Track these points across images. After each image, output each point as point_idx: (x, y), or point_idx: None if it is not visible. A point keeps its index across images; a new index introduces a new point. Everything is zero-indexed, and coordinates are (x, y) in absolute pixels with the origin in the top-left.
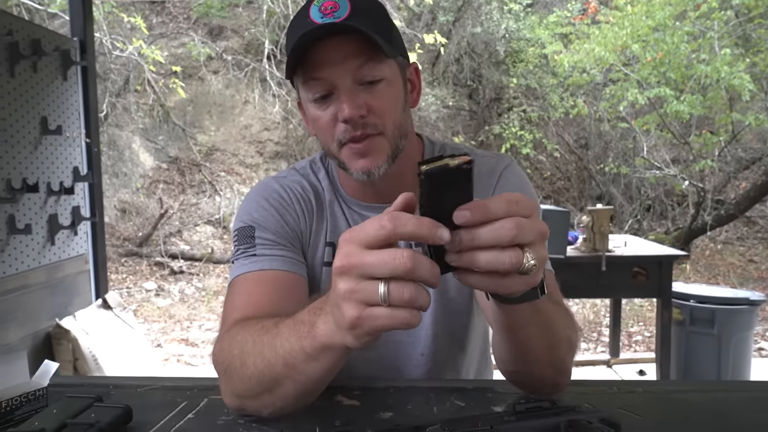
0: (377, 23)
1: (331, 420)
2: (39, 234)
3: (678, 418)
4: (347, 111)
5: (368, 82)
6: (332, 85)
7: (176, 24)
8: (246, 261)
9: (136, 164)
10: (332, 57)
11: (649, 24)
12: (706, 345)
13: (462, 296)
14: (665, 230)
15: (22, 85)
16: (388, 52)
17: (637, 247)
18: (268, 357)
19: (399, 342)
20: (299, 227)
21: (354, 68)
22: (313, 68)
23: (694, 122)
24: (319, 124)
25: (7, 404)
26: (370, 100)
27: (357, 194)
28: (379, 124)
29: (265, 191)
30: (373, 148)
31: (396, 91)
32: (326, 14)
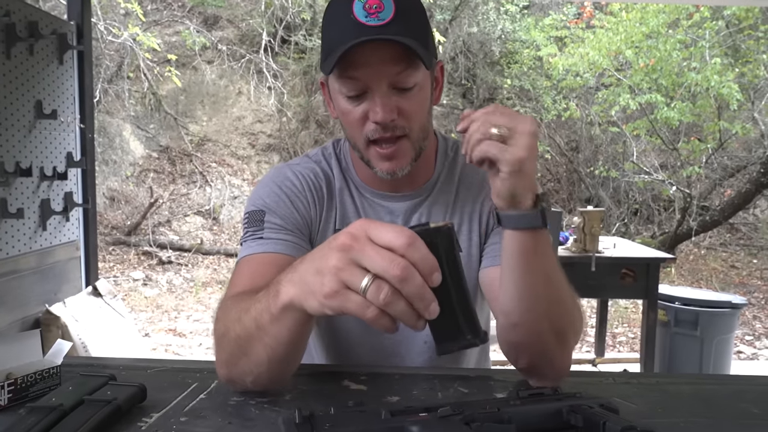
0: (418, 27)
1: (342, 402)
2: (31, 219)
3: (670, 407)
4: (380, 115)
5: (402, 88)
6: (367, 86)
7: (170, 12)
8: (253, 243)
9: (126, 152)
10: (371, 60)
11: (642, 31)
12: (689, 346)
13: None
14: (651, 234)
15: (18, 67)
16: (426, 60)
17: (626, 249)
18: (244, 320)
19: (403, 330)
20: (309, 215)
21: (392, 74)
22: (350, 67)
23: (683, 129)
24: (349, 118)
25: (23, 381)
26: (402, 104)
27: (371, 182)
28: (407, 127)
29: (279, 178)
30: (399, 152)
31: (425, 95)
32: (371, 14)
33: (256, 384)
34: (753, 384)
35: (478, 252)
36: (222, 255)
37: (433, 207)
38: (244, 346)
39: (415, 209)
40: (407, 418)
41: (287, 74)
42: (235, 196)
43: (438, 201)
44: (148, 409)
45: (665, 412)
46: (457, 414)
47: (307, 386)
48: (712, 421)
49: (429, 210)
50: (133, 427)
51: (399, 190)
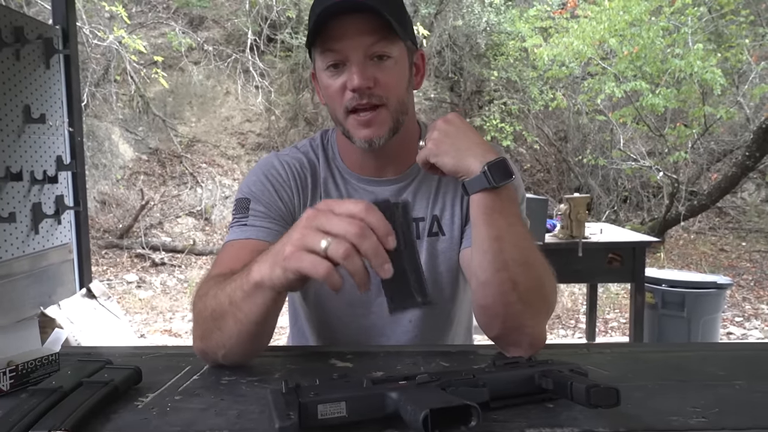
0: (393, 6)
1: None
2: (23, 223)
3: (641, 372)
4: (356, 81)
5: (378, 57)
6: (345, 57)
7: (155, 13)
8: (238, 229)
9: (115, 155)
10: (348, 31)
11: (626, 19)
12: (676, 326)
13: (450, 271)
14: (641, 221)
15: (5, 73)
16: (400, 33)
17: (612, 234)
18: (219, 297)
19: (385, 312)
20: (292, 203)
21: (367, 44)
22: (330, 40)
23: (668, 115)
24: (330, 91)
25: (23, 367)
26: (378, 74)
27: (356, 167)
28: (384, 96)
29: (266, 167)
30: (376, 120)
31: (402, 70)
32: None
33: (227, 358)
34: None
35: (459, 234)
36: (215, 255)
37: (418, 192)
38: (218, 320)
39: (399, 193)
40: (387, 385)
41: (274, 73)
42: (226, 196)
43: (422, 186)
44: (143, 390)
45: (635, 377)
46: (434, 381)
47: (295, 365)
48: (679, 383)
49: (414, 195)
50: (130, 406)
51: (383, 174)
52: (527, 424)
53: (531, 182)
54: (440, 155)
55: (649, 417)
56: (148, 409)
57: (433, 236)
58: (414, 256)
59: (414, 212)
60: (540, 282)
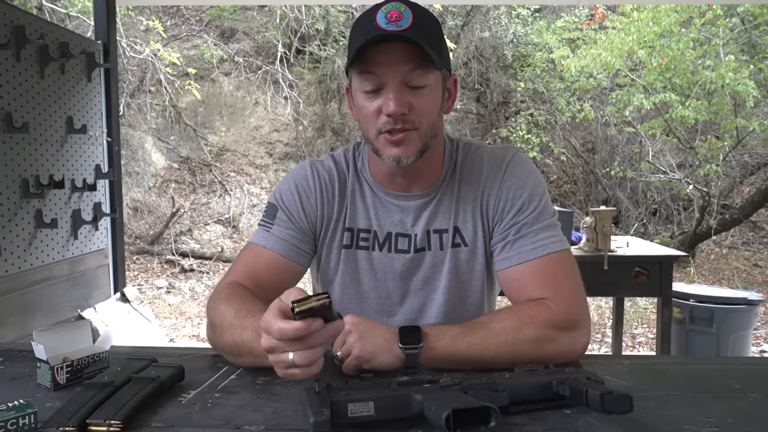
0: (431, 37)
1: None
2: (63, 228)
3: (657, 383)
4: (392, 107)
5: (414, 86)
6: (383, 82)
7: (189, 26)
8: (262, 233)
9: (148, 163)
10: (388, 59)
11: (655, 30)
12: (705, 343)
13: (474, 279)
14: (671, 234)
15: (51, 86)
16: (437, 63)
17: (639, 247)
18: (238, 341)
19: (413, 320)
20: (316, 214)
21: (405, 71)
22: (370, 64)
23: (699, 127)
24: (364, 112)
25: (78, 363)
26: (413, 101)
27: (384, 182)
28: (416, 122)
29: (298, 176)
30: (406, 140)
31: (435, 97)
32: (390, 21)
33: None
34: (739, 363)
35: (483, 244)
36: None
37: (440, 205)
38: (237, 355)
39: (424, 207)
40: (413, 387)
41: (302, 84)
42: (254, 205)
43: (443, 200)
44: (186, 387)
45: (651, 387)
46: (457, 384)
47: (327, 369)
48: (694, 394)
49: (437, 208)
50: (175, 401)
51: (409, 189)
52: (545, 428)
53: (558, 194)
54: (371, 359)
55: (662, 425)
56: (190, 404)
57: (455, 247)
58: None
59: (437, 225)
60: (536, 344)
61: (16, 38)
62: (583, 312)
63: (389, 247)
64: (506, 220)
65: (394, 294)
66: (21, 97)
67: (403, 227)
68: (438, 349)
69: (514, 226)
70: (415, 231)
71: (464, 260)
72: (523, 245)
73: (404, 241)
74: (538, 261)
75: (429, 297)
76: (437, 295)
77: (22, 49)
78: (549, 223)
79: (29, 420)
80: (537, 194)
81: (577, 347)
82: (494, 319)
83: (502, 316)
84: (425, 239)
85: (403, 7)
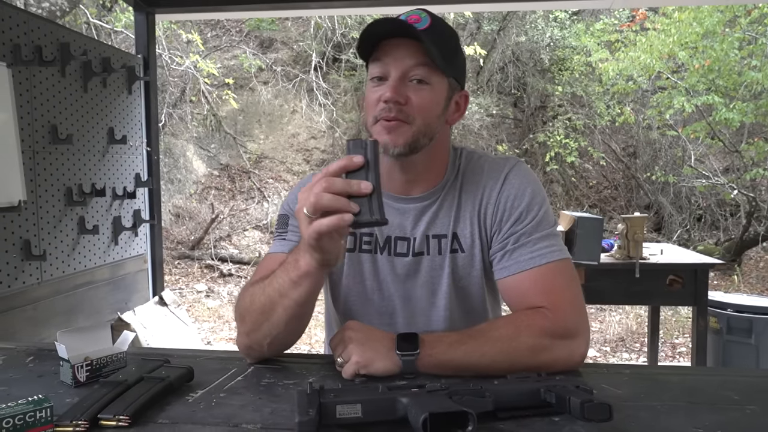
0: (444, 43)
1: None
2: (104, 234)
3: (653, 393)
4: (389, 94)
5: (416, 81)
6: (387, 72)
7: (229, 37)
8: (278, 243)
9: (189, 171)
10: (397, 52)
11: (697, 31)
12: (743, 353)
13: (470, 285)
14: (716, 241)
15: (93, 99)
16: (442, 67)
17: (673, 255)
18: (268, 292)
19: (417, 322)
20: None
21: (409, 65)
22: (381, 53)
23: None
24: (368, 101)
25: (97, 362)
26: (411, 94)
27: (386, 186)
28: (411, 115)
29: (304, 184)
30: (397, 130)
31: (436, 98)
32: (410, 22)
33: (272, 347)
34: (742, 375)
35: (480, 251)
36: None
37: (440, 211)
38: (268, 312)
39: (423, 212)
40: (400, 391)
41: (338, 91)
42: None
43: (443, 205)
44: (194, 387)
45: (647, 397)
46: (443, 389)
47: (328, 372)
48: (688, 405)
49: (436, 213)
50: (182, 400)
51: (409, 192)
52: None
53: (597, 199)
54: (369, 364)
55: None
56: (196, 403)
57: (453, 252)
58: (377, 185)
59: (436, 230)
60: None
61: (61, 55)
62: (581, 321)
63: (389, 251)
64: (504, 230)
65: (396, 297)
66: (66, 110)
67: (402, 230)
68: (435, 356)
69: (513, 235)
70: (414, 235)
71: (462, 266)
72: (522, 254)
73: (403, 244)
74: (536, 270)
75: (431, 301)
76: (439, 299)
77: (66, 65)
78: (548, 232)
79: (45, 414)
80: (536, 203)
81: (574, 356)
82: (492, 327)
83: (499, 324)
84: (424, 243)
85: (424, 14)
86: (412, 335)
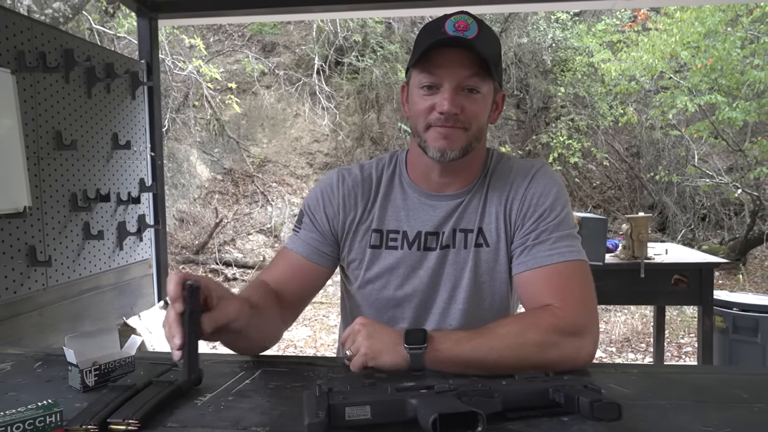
0: (492, 50)
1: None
2: (109, 240)
3: (661, 391)
4: (447, 106)
5: (469, 90)
6: (440, 82)
7: (231, 41)
8: (292, 238)
9: (193, 176)
10: (450, 62)
11: (699, 30)
12: (749, 353)
13: (494, 281)
14: (720, 240)
15: (97, 105)
16: (492, 74)
17: (678, 254)
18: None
19: (433, 314)
20: (338, 218)
21: (463, 76)
22: (433, 65)
23: (749, 129)
24: (418, 107)
25: (105, 367)
26: (466, 103)
27: (420, 181)
28: (466, 122)
29: (324, 183)
30: (453, 135)
31: (486, 104)
32: (458, 30)
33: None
34: (751, 374)
35: (504, 245)
36: None
37: (468, 206)
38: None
39: (455, 209)
40: (409, 392)
41: (341, 94)
42: (295, 214)
43: (472, 202)
44: (203, 390)
45: (654, 396)
46: (452, 390)
47: (337, 374)
48: (696, 404)
49: (465, 208)
50: (191, 404)
51: (443, 190)
52: None
53: (601, 199)
54: (377, 357)
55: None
56: (205, 407)
57: (478, 247)
58: (192, 334)
59: (464, 224)
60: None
61: (65, 61)
62: (590, 320)
63: (419, 246)
64: (527, 226)
65: (419, 292)
66: (70, 117)
67: (433, 226)
68: (442, 351)
69: (534, 231)
70: (444, 229)
71: (485, 260)
72: (540, 251)
73: (433, 239)
74: (552, 267)
75: (451, 294)
76: (459, 293)
77: (70, 71)
78: (569, 233)
79: (55, 418)
80: (559, 204)
81: (582, 354)
82: (500, 324)
83: (507, 322)
84: (451, 237)
85: (470, 20)
86: (421, 331)
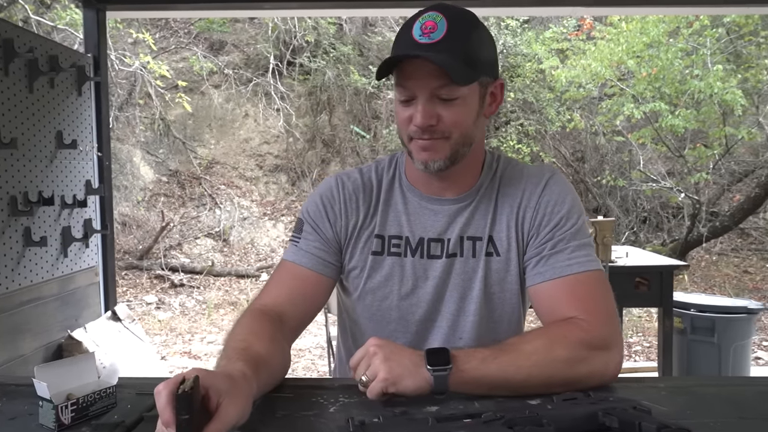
0: (466, 48)
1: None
2: (53, 246)
3: (698, 408)
4: (419, 120)
5: (445, 99)
6: (413, 94)
7: (177, 39)
8: (293, 248)
9: (136, 177)
10: (417, 73)
11: (644, 41)
12: (706, 353)
13: (505, 292)
14: (661, 242)
15: (40, 100)
16: (464, 78)
17: (639, 257)
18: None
19: (439, 327)
20: (340, 223)
21: (434, 86)
22: (402, 77)
23: (688, 136)
24: (399, 119)
25: (83, 400)
26: (443, 112)
27: (419, 184)
28: (446, 131)
29: (324, 189)
30: (434, 147)
31: (469, 107)
32: (424, 33)
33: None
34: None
35: (516, 255)
36: (233, 276)
37: (476, 212)
38: None
39: (459, 213)
40: (453, 423)
41: (293, 95)
42: (245, 218)
43: (479, 208)
44: None
45: (695, 414)
46: (499, 419)
47: (348, 398)
48: (739, 421)
49: (471, 214)
50: None
51: (444, 194)
52: None
53: None
54: (398, 381)
55: None
56: None
57: (488, 256)
58: None
59: (472, 232)
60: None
61: (4, 52)
62: (615, 333)
63: (422, 253)
64: (542, 235)
65: (423, 302)
66: (9, 112)
67: (436, 232)
68: (468, 371)
69: (551, 241)
70: (449, 236)
71: (496, 270)
72: (559, 260)
73: (437, 246)
74: (572, 278)
75: (460, 305)
76: (469, 304)
77: (10, 62)
78: (586, 242)
79: None
80: (575, 212)
81: (610, 368)
82: (523, 339)
83: (531, 337)
84: (458, 245)
85: (439, 17)
86: (442, 350)
